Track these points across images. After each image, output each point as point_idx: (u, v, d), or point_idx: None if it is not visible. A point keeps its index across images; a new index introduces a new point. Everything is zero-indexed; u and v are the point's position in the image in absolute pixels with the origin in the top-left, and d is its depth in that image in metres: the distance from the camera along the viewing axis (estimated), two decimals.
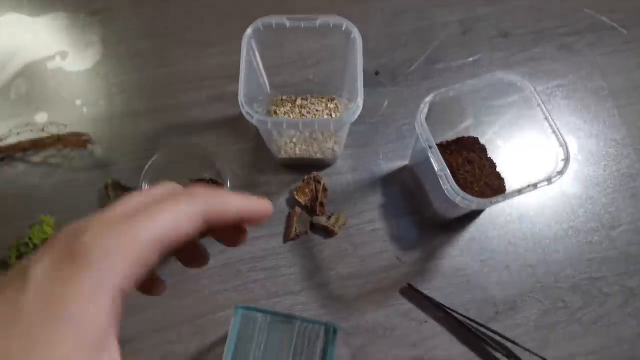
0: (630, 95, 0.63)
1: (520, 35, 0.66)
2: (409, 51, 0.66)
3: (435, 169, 0.43)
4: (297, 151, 0.57)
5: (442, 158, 0.43)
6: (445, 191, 0.43)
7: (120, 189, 0.58)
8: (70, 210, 0.59)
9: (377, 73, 0.65)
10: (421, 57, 0.65)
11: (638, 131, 0.61)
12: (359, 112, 0.45)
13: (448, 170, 0.42)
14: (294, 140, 0.58)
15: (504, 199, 0.42)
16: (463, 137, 0.57)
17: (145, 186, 0.51)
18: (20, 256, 0.55)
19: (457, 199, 0.42)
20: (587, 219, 0.58)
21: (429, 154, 0.44)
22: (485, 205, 0.42)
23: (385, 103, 0.63)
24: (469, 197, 0.41)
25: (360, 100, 0.45)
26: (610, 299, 0.55)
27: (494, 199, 0.42)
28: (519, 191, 0.42)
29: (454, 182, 0.42)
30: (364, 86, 0.46)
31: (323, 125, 0.44)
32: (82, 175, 0.61)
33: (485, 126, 0.58)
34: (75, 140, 0.60)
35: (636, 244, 0.57)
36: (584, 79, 0.64)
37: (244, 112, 0.45)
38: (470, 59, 0.65)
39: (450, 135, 0.58)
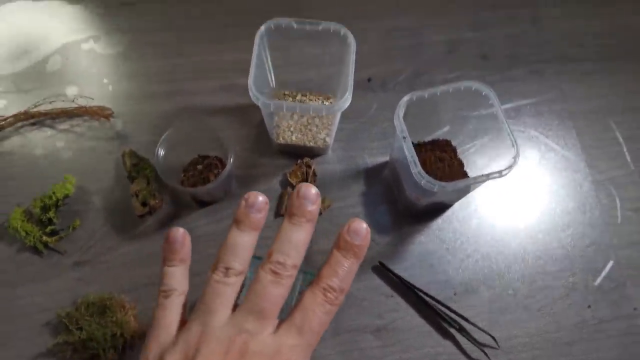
0: (587, 118, 0.72)
1: (498, 59, 0.76)
2: (399, 64, 0.75)
3: (407, 155, 0.52)
4: (294, 138, 0.66)
5: (412, 147, 0.51)
6: (414, 175, 0.51)
7: (136, 157, 0.66)
8: (89, 173, 0.67)
9: (369, 80, 0.73)
10: (409, 70, 0.75)
11: (591, 149, 0.70)
12: (347, 103, 0.53)
13: (417, 157, 0.51)
14: (292, 129, 0.66)
15: (463, 184, 0.50)
16: (438, 139, 0.66)
17: (160, 153, 0.59)
18: (43, 207, 0.63)
19: (423, 182, 0.50)
20: (540, 220, 0.66)
21: (403, 144, 0.52)
22: (445, 188, 0.50)
23: (374, 106, 0.72)
24: (432, 180, 0.50)
25: (349, 94, 0.53)
26: (554, 291, 0.62)
27: (452, 183, 0.50)
28: (474, 179, 0.50)
29: (420, 167, 0.50)
30: (357, 89, 0.54)
31: (317, 109, 0.53)
32: (103, 144, 0.69)
33: (459, 133, 0.66)
34: (100, 113, 0.69)
35: (580, 247, 0.65)
36: (549, 102, 0.73)
37: (251, 95, 0.54)
38: (452, 75, 0.74)
39: (427, 140, 0.67)
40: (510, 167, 0.51)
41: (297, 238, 0.31)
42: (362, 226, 0.32)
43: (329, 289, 0.31)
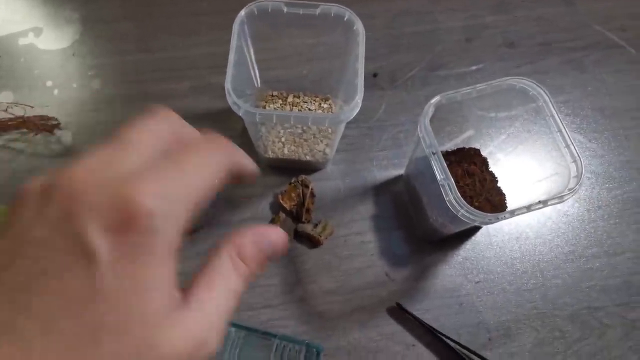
0: (635, 117, 0.60)
1: (526, 47, 0.64)
2: (409, 55, 0.62)
3: (438, 178, 0.39)
4: (286, 151, 0.53)
5: (446, 167, 0.39)
6: (448, 203, 0.39)
7: None
8: None
9: (375, 75, 0.61)
10: (422, 62, 0.62)
11: None
12: (357, 110, 0.41)
13: (452, 180, 0.38)
14: (283, 139, 0.53)
15: (511, 215, 0.38)
16: (464, 148, 0.54)
17: None
18: None
19: (460, 213, 0.38)
20: (588, 244, 0.55)
21: (432, 161, 0.40)
22: (490, 222, 0.38)
23: (382, 107, 0.59)
24: (474, 211, 0.37)
25: (359, 98, 0.41)
26: (610, 331, 0.51)
27: (500, 214, 0.38)
28: (528, 208, 0.38)
29: (458, 194, 0.38)
30: None
31: (317, 120, 0.40)
32: (47, 163, 0.55)
33: (486, 138, 0.54)
34: (42, 124, 0.55)
35: (639, 274, 0.53)
36: (590, 96, 0.61)
37: (230, 102, 0.41)
38: (474, 67, 0.62)
39: (448, 147, 0.55)
40: (573, 189, 0.39)
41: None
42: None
43: None
